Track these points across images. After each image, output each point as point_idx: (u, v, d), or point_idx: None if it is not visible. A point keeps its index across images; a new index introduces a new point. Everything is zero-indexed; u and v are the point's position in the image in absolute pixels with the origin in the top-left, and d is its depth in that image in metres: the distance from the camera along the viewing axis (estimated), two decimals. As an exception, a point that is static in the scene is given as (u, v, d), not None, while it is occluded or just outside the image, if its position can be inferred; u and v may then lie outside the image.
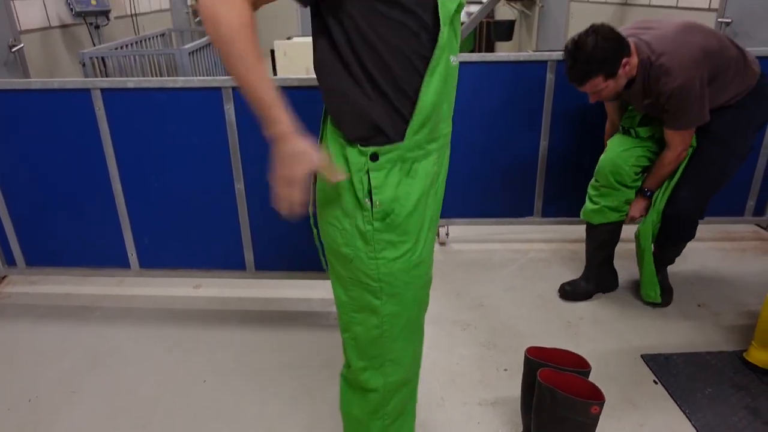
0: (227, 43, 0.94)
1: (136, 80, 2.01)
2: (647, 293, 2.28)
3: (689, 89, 1.85)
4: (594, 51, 1.84)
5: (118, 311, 2.39)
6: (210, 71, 4.53)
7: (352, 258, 1.16)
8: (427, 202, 1.16)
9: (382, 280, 1.16)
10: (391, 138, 1.08)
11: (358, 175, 1.09)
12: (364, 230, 1.12)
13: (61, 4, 4.09)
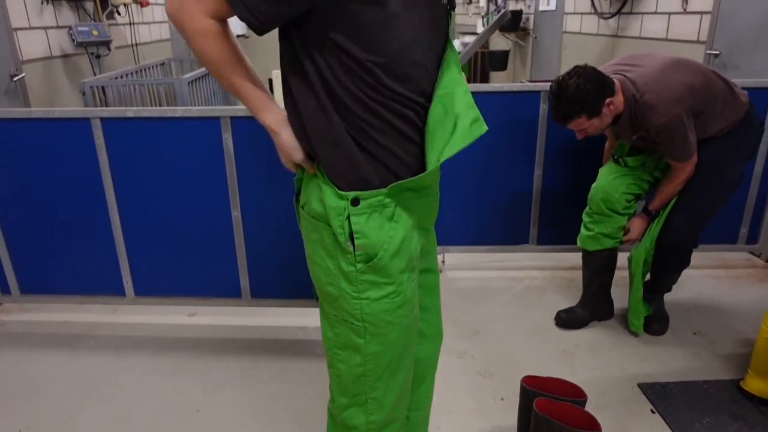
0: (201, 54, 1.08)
1: (135, 110, 2.04)
2: (632, 321, 2.28)
3: (675, 125, 1.89)
4: (576, 93, 1.89)
5: (112, 339, 2.38)
6: (209, 100, 4.59)
7: (336, 297, 1.15)
8: (411, 244, 1.15)
9: (366, 320, 1.14)
10: (374, 186, 1.06)
11: (338, 219, 1.07)
12: (347, 271, 1.11)
13: (63, 35, 4.16)
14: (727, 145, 2.05)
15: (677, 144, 1.94)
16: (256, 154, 2.06)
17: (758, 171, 2.61)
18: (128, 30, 5.36)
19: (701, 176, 2.06)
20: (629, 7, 4.42)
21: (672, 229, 2.12)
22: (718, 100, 1.97)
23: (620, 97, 1.96)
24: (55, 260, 2.25)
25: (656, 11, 4.06)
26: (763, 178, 2.62)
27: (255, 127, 2.01)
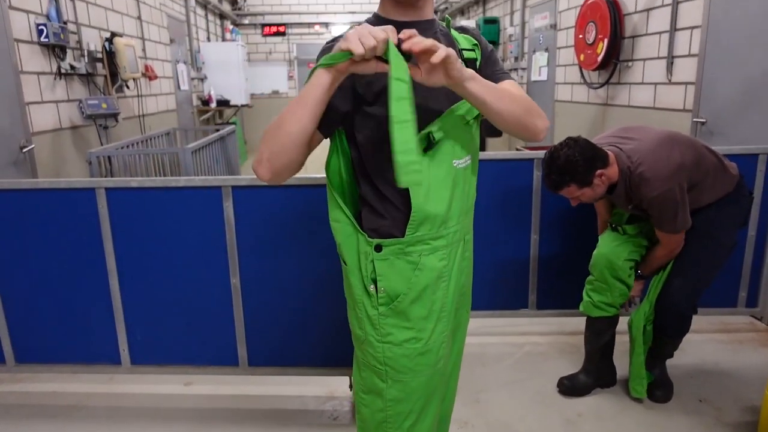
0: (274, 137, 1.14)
1: (139, 180, 2.10)
2: (634, 387, 2.24)
3: (668, 199, 1.94)
4: (566, 163, 1.95)
5: (105, 411, 2.32)
6: (211, 168, 4.70)
7: (363, 339, 1.24)
8: (435, 295, 1.23)
9: (387, 364, 1.21)
10: (393, 234, 1.18)
11: (364, 262, 1.20)
12: (371, 314, 1.21)
13: (73, 108, 4.32)
14: (722, 213, 2.10)
15: (667, 218, 1.98)
16: (256, 222, 2.10)
17: (752, 235, 2.64)
18: (136, 102, 5.56)
19: (698, 241, 2.10)
20: (617, 77, 4.61)
21: (671, 293, 2.13)
22: (709, 174, 2.04)
23: (614, 168, 2.01)
24: (52, 328, 2.24)
25: (643, 81, 4.23)
26: (757, 243, 2.65)
27: (255, 196, 2.08)
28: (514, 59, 7.14)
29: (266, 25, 11.00)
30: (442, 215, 1.20)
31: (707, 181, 2.03)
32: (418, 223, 1.18)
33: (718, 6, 3.39)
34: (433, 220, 1.19)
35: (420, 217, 1.17)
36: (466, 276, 1.35)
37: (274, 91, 11.22)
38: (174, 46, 7.16)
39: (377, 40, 0.96)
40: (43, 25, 3.85)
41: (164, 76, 6.67)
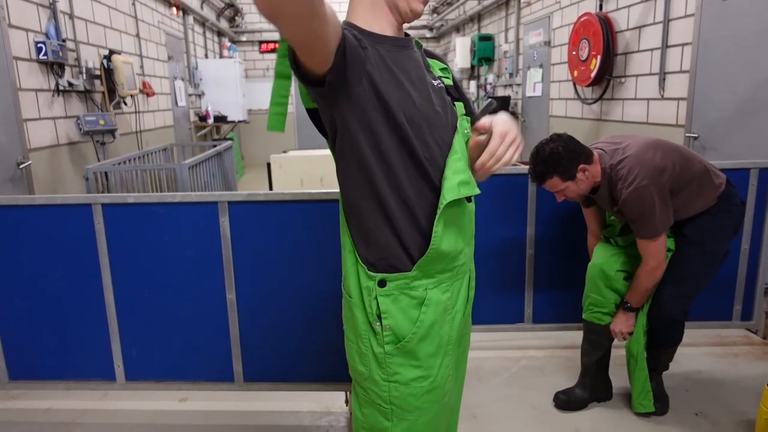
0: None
1: (135, 196, 2.11)
2: (640, 402, 2.23)
3: (644, 198, 1.96)
4: (550, 156, 2.03)
5: (99, 428, 2.31)
6: (208, 184, 4.71)
7: (366, 376, 1.17)
8: (442, 330, 1.17)
9: (393, 403, 1.15)
10: (399, 268, 1.11)
11: (368, 298, 1.12)
12: (377, 352, 1.13)
13: (71, 124, 4.34)
14: (712, 221, 2.11)
15: (643, 217, 1.98)
16: (253, 237, 2.11)
17: (745, 249, 2.66)
18: (133, 118, 5.59)
19: (689, 249, 2.11)
20: (610, 93, 4.67)
21: (662, 301, 2.14)
22: (695, 181, 2.06)
23: (597, 167, 2.07)
24: (46, 344, 2.23)
25: (636, 97, 4.28)
26: (751, 256, 2.67)
27: (252, 211, 2.09)
28: (509, 75, 7.21)
29: (264, 42, 11.10)
30: (455, 252, 1.16)
31: (692, 187, 2.05)
32: (431, 260, 1.12)
33: (708, 23, 3.45)
34: (446, 257, 1.14)
35: (434, 255, 1.11)
36: (470, 305, 1.30)
37: (272, 107, 11.28)
38: (172, 63, 7.22)
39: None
40: (42, 42, 3.88)
41: (162, 92, 6.71)
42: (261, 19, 11.12)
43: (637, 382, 2.23)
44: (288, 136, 11.22)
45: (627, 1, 4.36)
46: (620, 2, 4.47)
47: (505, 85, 7.43)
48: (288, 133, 11.28)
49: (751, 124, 3.14)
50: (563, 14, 5.61)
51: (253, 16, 11.09)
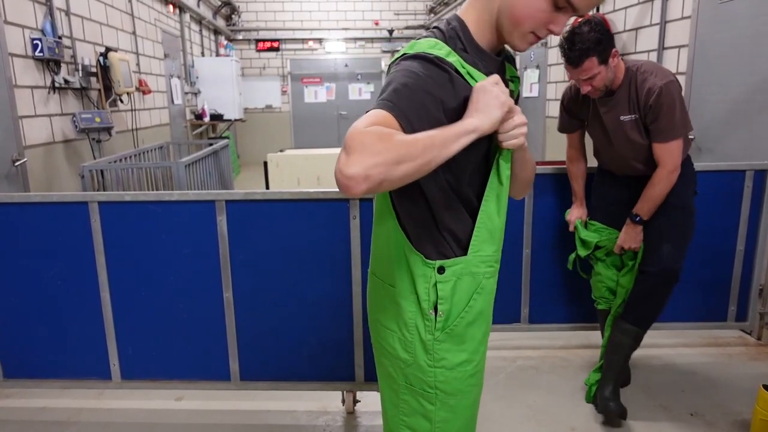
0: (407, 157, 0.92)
1: (132, 194, 2.10)
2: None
3: (672, 91, 2.00)
4: (589, 34, 2.01)
5: (94, 427, 2.30)
6: (205, 182, 4.70)
7: (410, 363, 1.17)
8: (488, 319, 1.22)
9: (438, 388, 1.17)
10: (455, 252, 1.13)
11: (424, 286, 1.12)
12: (425, 339, 1.14)
13: (67, 122, 4.32)
14: (684, 184, 2.16)
15: (673, 113, 2.00)
16: (250, 236, 2.10)
17: (740, 250, 2.68)
18: (129, 116, 5.57)
19: (674, 212, 2.16)
20: (607, 94, 4.68)
21: (662, 255, 2.16)
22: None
23: (621, 64, 2.09)
24: (41, 343, 2.22)
25: (632, 98, 4.30)
26: (746, 258, 2.68)
27: (249, 209, 2.09)
28: (506, 76, 7.22)
29: (260, 41, 11.08)
30: (499, 233, 1.17)
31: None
32: (481, 240, 1.13)
33: (705, 26, 3.47)
34: (492, 238, 1.15)
35: (483, 233, 1.13)
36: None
37: (268, 106, 11.26)
38: (168, 60, 7.20)
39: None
40: (38, 39, 3.86)
41: (158, 90, 6.69)
42: (258, 17, 11.10)
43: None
44: (284, 134, 11.21)
45: (624, 3, 4.37)
46: (617, 4, 4.48)
47: (501, 86, 7.44)
48: (284, 131, 11.27)
49: (746, 126, 3.15)
50: (560, 15, 5.62)
51: (249, 14, 11.07)
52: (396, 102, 0.97)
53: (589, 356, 2.78)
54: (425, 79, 1.01)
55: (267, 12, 11.09)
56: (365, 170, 0.86)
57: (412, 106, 0.98)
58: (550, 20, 1.06)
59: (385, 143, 0.89)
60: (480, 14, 1.11)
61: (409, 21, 11.00)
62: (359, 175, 0.86)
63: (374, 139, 0.89)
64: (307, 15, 11.14)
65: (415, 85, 1.00)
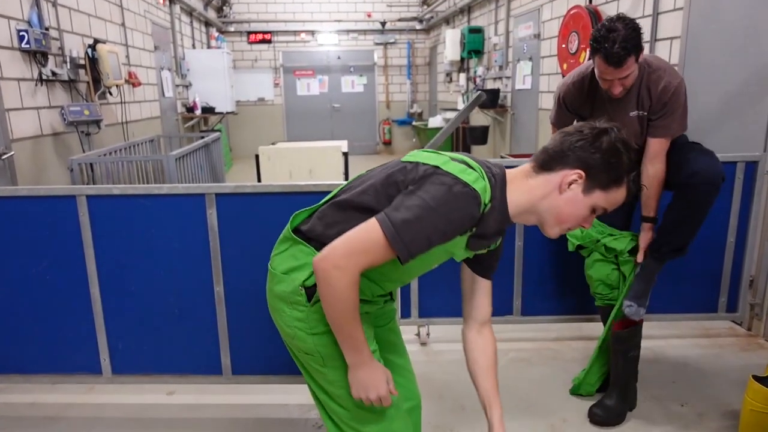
0: (341, 302, 1.20)
1: (121, 187, 2.08)
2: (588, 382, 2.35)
3: (683, 90, 2.03)
4: (628, 32, 1.92)
5: (85, 422, 2.28)
6: (196, 175, 4.67)
7: (294, 336, 1.39)
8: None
9: (320, 352, 1.36)
10: None
11: (306, 272, 1.35)
12: (300, 314, 1.36)
13: (55, 114, 4.27)
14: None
15: (676, 113, 2.04)
16: (241, 229, 2.09)
17: (731, 242, 2.68)
18: (119, 108, 5.52)
19: (685, 152, 2.13)
20: (599, 86, 4.67)
21: (705, 164, 2.04)
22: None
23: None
24: (30, 338, 2.19)
25: (624, 90, 4.29)
26: (737, 249, 2.69)
27: (239, 203, 2.07)
28: (499, 68, 7.21)
29: (252, 33, 11.00)
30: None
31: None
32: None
33: (697, 17, 3.46)
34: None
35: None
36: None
37: (260, 99, 11.20)
38: (158, 53, 7.13)
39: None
40: (25, 31, 3.80)
41: (148, 83, 6.62)
42: (249, 9, 11.01)
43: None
44: (276, 127, 11.16)
45: (616, -6, 4.36)
46: (610, -5, 4.47)
47: (494, 78, 7.43)
48: (277, 124, 11.21)
49: (737, 118, 3.16)
50: (553, 7, 5.61)
51: (241, 6, 10.98)
52: (405, 240, 1.16)
53: (582, 348, 2.79)
54: (452, 222, 1.19)
55: (258, 3, 11.01)
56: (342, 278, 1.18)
57: (418, 244, 1.18)
58: (586, 219, 1.29)
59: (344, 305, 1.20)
60: (524, 196, 1.28)
61: (402, 13, 10.95)
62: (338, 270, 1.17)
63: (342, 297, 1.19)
64: (299, 6, 11.06)
65: (437, 227, 1.18)
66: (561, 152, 1.26)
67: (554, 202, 1.26)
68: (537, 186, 1.27)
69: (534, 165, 1.29)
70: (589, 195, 1.25)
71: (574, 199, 1.25)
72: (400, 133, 11.57)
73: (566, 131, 1.29)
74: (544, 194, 1.26)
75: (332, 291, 1.19)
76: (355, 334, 1.25)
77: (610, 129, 1.24)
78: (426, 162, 1.24)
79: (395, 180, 1.25)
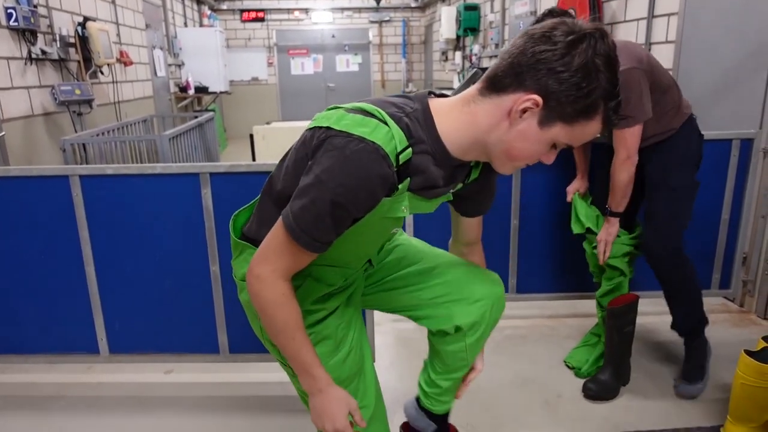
0: (272, 318, 1.08)
1: (114, 167, 2.06)
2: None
3: (631, 79, 1.90)
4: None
5: (84, 400, 2.30)
6: (190, 155, 4.64)
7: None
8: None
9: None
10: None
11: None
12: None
13: (46, 94, 4.22)
14: (671, 154, 2.10)
15: (634, 99, 1.93)
16: (235, 208, 2.07)
17: (725, 219, 2.69)
18: (111, 88, 5.45)
19: (654, 192, 2.13)
20: (596, 64, 4.64)
21: (647, 244, 2.15)
22: (666, 93, 2.04)
23: None
24: (27, 318, 2.20)
25: (621, 68, 4.26)
26: (730, 226, 2.71)
27: (234, 182, 2.06)
28: (495, 46, 7.14)
29: (245, 11, 10.83)
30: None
31: (664, 97, 2.04)
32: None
33: (695, -7, 3.43)
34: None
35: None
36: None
37: (254, 78, 11.08)
38: (150, 31, 7.02)
39: None
40: (12, 8, 3.73)
41: (140, 62, 6.54)
42: (241, -14, 10.83)
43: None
44: (271, 107, 11.06)
45: (614, -30, 4.31)
46: (607, -29, 4.41)
47: (490, 56, 7.36)
48: (271, 104, 11.11)
49: (735, 94, 3.15)
50: (550, -17, 5.54)
51: (233, -17, 10.79)
52: (303, 228, 1.00)
53: (578, 325, 2.81)
54: (351, 190, 0.96)
55: (251, -20, 10.82)
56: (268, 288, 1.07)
57: (319, 228, 1.00)
58: (544, 155, 1.05)
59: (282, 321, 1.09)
60: (463, 129, 1.04)
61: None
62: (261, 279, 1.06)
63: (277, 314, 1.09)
64: (292, -16, 10.89)
65: (333, 201, 0.97)
66: (517, 66, 0.95)
67: (503, 136, 0.99)
68: (481, 114, 1.00)
69: (482, 85, 1.01)
70: (546, 128, 0.97)
71: (527, 132, 0.98)
72: (395, 113, 11.48)
73: (532, 33, 0.96)
74: (491, 125, 0.99)
75: (260, 306, 1.06)
76: (300, 356, 1.09)
77: (591, 34, 0.92)
78: (320, 125, 1.01)
79: (301, 155, 1.05)
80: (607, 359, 2.25)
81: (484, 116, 1.00)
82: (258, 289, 1.05)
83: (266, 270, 1.03)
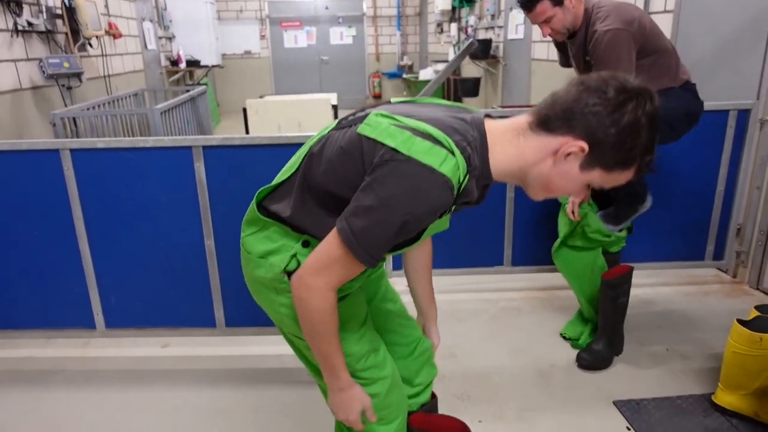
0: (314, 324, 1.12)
1: (106, 140, 2.03)
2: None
3: (616, 40, 1.95)
4: None
5: (81, 374, 2.31)
6: (182, 130, 4.58)
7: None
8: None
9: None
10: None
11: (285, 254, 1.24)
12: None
13: (33, 67, 4.14)
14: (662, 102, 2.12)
15: (609, 61, 1.97)
16: (229, 182, 2.06)
17: (720, 191, 2.70)
18: (100, 61, 5.35)
19: None
20: (593, 35, 4.58)
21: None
22: (661, 56, 2.06)
23: (581, 7, 2.07)
24: (22, 293, 2.19)
25: (618, 39, 4.21)
26: (725, 198, 2.71)
27: (227, 155, 2.03)
28: (491, 17, 7.03)
29: (236, -19, 10.60)
30: None
31: (659, 59, 2.06)
32: None
33: (694, -40, 3.36)
34: None
35: None
36: None
37: (246, 52, 10.90)
38: (139, 3, 6.86)
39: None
40: (-4, -22, 3.63)
41: (129, 34, 6.41)
42: (232, -44, 10.57)
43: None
44: (264, 81, 10.92)
45: (613, -63, 4.21)
46: (606, -62, 4.32)
47: (486, 28, 7.26)
48: (264, 78, 10.97)
49: (732, 65, 3.12)
50: (547, -49, 5.42)
51: (223, -48, 10.52)
52: (366, 248, 1.04)
53: (570, 297, 2.82)
54: (418, 219, 1.04)
55: (242, -50, 10.56)
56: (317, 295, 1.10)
57: (382, 247, 1.06)
58: (578, 193, 1.18)
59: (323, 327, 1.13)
60: (510, 159, 1.10)
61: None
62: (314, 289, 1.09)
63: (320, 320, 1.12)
64: (284, -47, 10.63)
65: (400, 225, 1.02)
66: (570, 112, 1.02)
67: (545, 171, 1.08)
68: (529, 149, 1.07)
69: (533, 120, 1.07)
70: (586, 172, 1.06)
71: (568, 172, 1.06)
72: (390, 87, 11.36)
73: (588, 84, 1.03)
74: (536, 160, 1.07)
75: (304, 311, 1.11)
76: (331, 359, 1.17)
77: (641, 95, 1.00)
78: (385, 142, 1.03)
79: (353, 161, 1.07)
80: (601, 329, 2.27)
81: (531, 152, 1.08)
82: (307, 296, 1.09)
83: (319, 282, 1.08)
